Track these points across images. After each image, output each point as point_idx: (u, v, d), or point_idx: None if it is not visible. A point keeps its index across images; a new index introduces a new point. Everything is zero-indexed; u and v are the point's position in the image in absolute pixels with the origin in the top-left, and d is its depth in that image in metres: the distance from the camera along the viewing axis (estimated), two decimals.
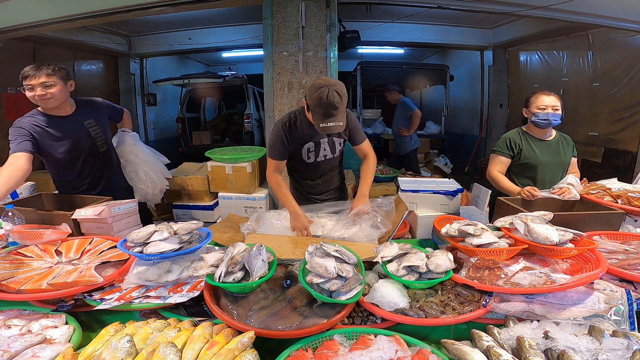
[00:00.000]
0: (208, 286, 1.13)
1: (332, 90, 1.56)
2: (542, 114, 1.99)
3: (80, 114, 1.94)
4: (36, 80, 1.73)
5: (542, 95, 2.02)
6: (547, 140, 2.09)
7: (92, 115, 1.98)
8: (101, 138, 1.99)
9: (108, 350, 0.84)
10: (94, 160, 1.98)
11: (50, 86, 1.75)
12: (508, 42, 5.97)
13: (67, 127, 1.87)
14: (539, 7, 3.77)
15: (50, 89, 1.75)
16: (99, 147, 1.98)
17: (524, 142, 2.08)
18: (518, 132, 2.13)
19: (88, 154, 1.95)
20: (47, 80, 1.74)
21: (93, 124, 1.96)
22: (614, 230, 1.50)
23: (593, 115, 4.70)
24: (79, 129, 1.91)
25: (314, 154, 1.91)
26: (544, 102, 1.99)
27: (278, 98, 3.26)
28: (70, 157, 1.90)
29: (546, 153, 2.05)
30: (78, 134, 1.90)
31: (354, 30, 4.36)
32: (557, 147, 2.09)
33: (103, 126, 2.02)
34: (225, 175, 2.94)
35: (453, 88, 6.60)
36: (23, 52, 4.83)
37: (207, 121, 7.57)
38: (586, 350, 0.87)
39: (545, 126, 2.02)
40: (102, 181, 2.03)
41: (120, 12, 3.54)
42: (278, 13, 3.12)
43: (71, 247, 1.40)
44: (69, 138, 1.87)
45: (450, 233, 1.35)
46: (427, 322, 1.03)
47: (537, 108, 2.00)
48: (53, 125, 1.83)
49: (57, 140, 1.84)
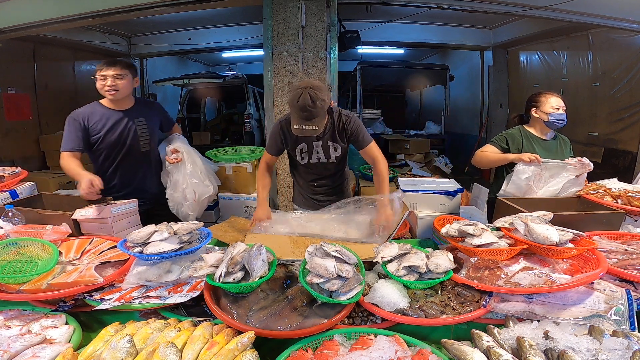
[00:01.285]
0: (208, 286, 1.13)
1: (306, 92, 1.54)
2: (557, 114, 2.02)
3: (135, 111, 2.01)
4: (110, 71, 1.84)
5: (553, 96, 2.06)
6: (548, 140, 2.12)
7: (145, 114, 2.05)
8: (146, 138, 2.04)
9: (108, 350, 0.84)
10: (132, 158, 2.02)
11: (121, 78, 1.87)
12: (508, 42, 5.97)
13: (118, 121, 1.95)
14: (539, 7, 3.77)
15: (121, 81, 1.87)
16: (142, 146, 2.03)
17: (525, 140, 2.09)
18: (519, 130, 2.14)
19: (129, 151, 1.99)
20: (120, 73, 1.86)
21: (142, 122, 2.03)
22: (614, 230, 1.50)
23: (593, 115, 4.70)
24: (128, 124, 1.97)
25: (306, 154, 1.89)
26: (553, 103, 2.03)
27: (278, 98, 3.26)
28: (112, 150, 1.96)
29: (546, 152, 2.06)
30: (125, 129, 1.96)
31: (354, 30, 4.36)
32: (557, 147, 2.12)
33: (152, 128, 2.08)
34: (225, 175, 2.94)
35: (453, 88, 6.59)
36: (23, 52, 4.83)
37: (207, 121, 7.56)
38: (586, 350, 0.87)
39: (560, 125, 2.06)
40: (135, 180, 2.06)
41: (120, 12, 3.54)
42: (278, 13, 3.12)
43: (71, 247, 1.40)
44: (116, 131, 1.94)
45: (450, 233, 1.35)
46: (427, 322, 1.03)
47: (552, 108, 2.03)
48: (106, 117, 1.93)
49: (105, 132, 1.92)
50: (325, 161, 1.90)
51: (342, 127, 1.83)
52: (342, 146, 1.89)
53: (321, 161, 1.90)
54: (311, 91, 1.54)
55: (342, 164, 2.00)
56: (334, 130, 1.83)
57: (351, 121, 1.83)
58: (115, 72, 1.85)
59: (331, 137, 1.85)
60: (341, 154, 1.91)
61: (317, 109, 1.56)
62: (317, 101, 1.54)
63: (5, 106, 4.63)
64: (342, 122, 1.83)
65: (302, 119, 1.57)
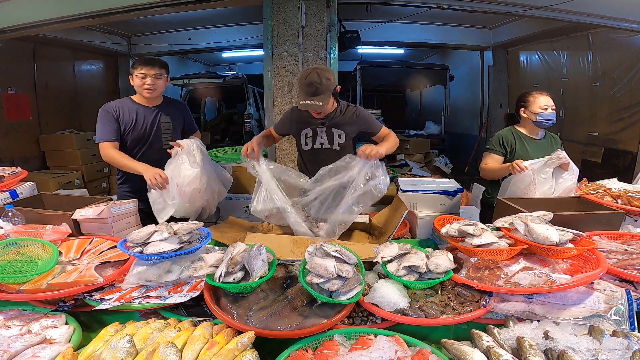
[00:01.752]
0: (208, 286, 1.13)
1: (314, 72, 1.70)
2: (546, 114, 2.02)
3: (162, 108, 2.08)
4: (151, 70, 1.92)
5: (542, 95, 2.05)
6: (539, 139, 2.12)
7: (170, 112, 2.11)
8: (168, 135, 2.08)
9: (108, 350, 0.84)
10: (153, 153, 2.04)
11: (161, 77, 1.96)
12: (508, 42, 5.96)
13: (145, 116, 2.02)
14: (539, 7, 3.77)
15: (159, 80, 1.96)
16: (163, 143, 2.06)
17: (517, 140, 2.10)
18: (511, 131, 2.15)
19: (150, 146, 2.04)
20: (159, 72, 1.94)
21: (167, 120, 2.08)
22: (614, 230, 1.49)
23: (593, 115, 4.70)
24: (153, 120, 2.04)
25: (310, 140, 1.95)
26: (545, 102, 2.03)
27: (278, 98, 3.26)
28: (135, 144, 2.02)
29: (538, 152, 2.06)
30: (151, 125, 2.03)
31: (354, 30, 4.36)
32: (548, 146, 2.12)
33: (176, 126, 2.13)
34: None
35: (453, 88, 6.59)
36: (23, 52, 4.83)
37: (207, 121, 7.56)
38: (586, 350, 0.87)
39: (548, 125, 2.06)
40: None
41: (120, 12, 3.54)
42: (278, 13, 3.12)
43: (71, 247, 1.40)
44: (141, 126, 2.01)
45: (450, 233, 1.35)
46: (427, 322, 1.03)
47: (540, 108, 2.03)
48: (135, 111, 2.00)
49: (132, 126, 1.99)
50: (329, 147, 1.94)
51: (350, 115, 1.92)
52: (347, 134, 1.93)
53: (324, 147, 1.95)
54: (319, 70, 1.71)
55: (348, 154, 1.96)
56: (341, 117, 1.92)
57: (359, 110, 1.94)
58: (155, 72, 1.93)
59: (336, 124, 1.91)
60: (345, 142, 1.94)
61: (323, 86, 1.70)
62: (323, 79, 1.69)
63: (5, 106, 4.62)
64: (349, 110, 1.93)
65: (308, 95, 1.70)
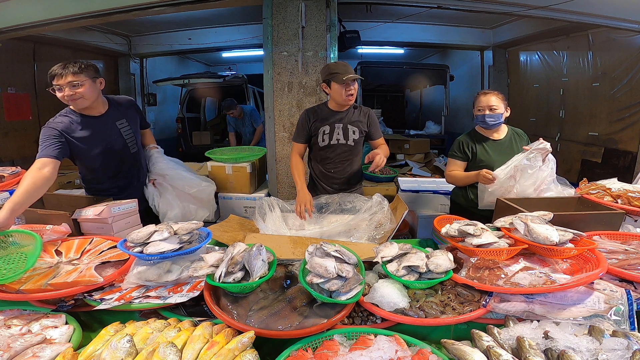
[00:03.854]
0: (208, 286, 1.13)
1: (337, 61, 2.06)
2: (480, 116, 2.00)
3: (113, 113, 1.88)
4: (63, 80, 1.66)
5: (481, 95, 2.02)
6: (499, 139, 2.07)
7: (124, 114, 1.93)
8: (132, 139, 1.95)
9: (108, 350, 0.84)
10: (125, 161, 1.94)
11: (78, 85, 1.68)
12: (508, 42, 5.96)
13: (99, 127, 1.81)
14: (539, 7, 3.76)
15: (79, 89, 1.68)
16: (130, 148, 1.94)
17: (477, 143, 2.06)
18: (470, 134, 2.12)
19: (120, 155, 1.90)
20: (74, 80, 1.67)
21: (125, 124, 1.91)
22: (614, 230, 1.49)
23: (593, 115, 4.70)
24: (111, 129, 1.85)
25: (328, 136, 2.10)
26: (481, 103, 2.00)
27: (278, 98, 3.25)
28: (103, 158, 1.84)
29: (499, 152, 2.02)
30: (110, 134, 1.85)
31: (354, 30, 4.36)
32: (510, 144, 2.06)
33: (135, 127, 1.99)
34: (225, 175, 2.94)
35: (453, 88, 6.59)
36: (23, 52, 4.83)
37: (207, 121, 7.56)
38: (586, 350, 0.87)
39: (485, 127, 2.03)
40: (132, 182, 2.00)
41: (120, 12, 3.53)
42: (278, 13, 3.12)
43: (71, 247, 1.40)
44: (102, 139, 1.82)
45: (450, 233, 1.35)
46: (427, 322, 1.03)
47: (476, 110, 2.02)
48: (86, 125, 1.78)
49: (90, 141, 1.79)
50: (344, 143, 2.11)
51: (363, 114, 2.13)
52: (360, 130, 2.11)
53: (340, 142, 2.11)
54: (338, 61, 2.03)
55: (358, 153, 2.19)
56: (355, 114, 2.11)
57: (370, 112, 2.16)
58: (68, 80, 1.66)
59: (352, 121, 2.09)
60: (358, 138, 2.12)
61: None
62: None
63: (5, 106, 4.63)
64: (362, 110, 2.14)
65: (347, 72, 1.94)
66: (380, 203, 1.78)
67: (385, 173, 3.74)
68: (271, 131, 3.29)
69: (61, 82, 1.66)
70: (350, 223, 1.73)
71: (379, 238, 1.64)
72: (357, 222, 1.73)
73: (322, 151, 2.15)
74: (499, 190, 1.83)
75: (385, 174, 3.71)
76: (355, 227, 1.71)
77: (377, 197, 1.82)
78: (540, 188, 1.82)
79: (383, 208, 1.77)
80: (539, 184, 1.82)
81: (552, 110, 5.26)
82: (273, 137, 3.29)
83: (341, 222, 1.73)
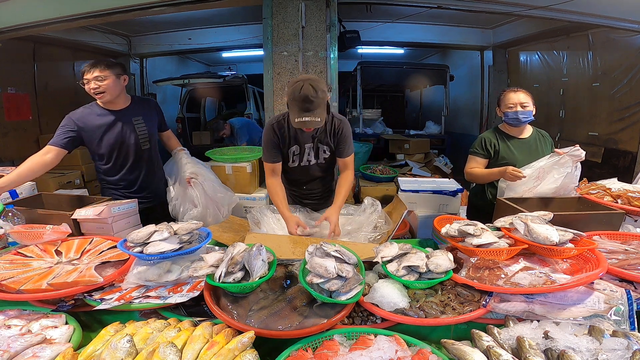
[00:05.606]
0: (208, 286, 1.13)
1: (307, 84, 1.51)
2: (511, 113, 1.98)
3: (132, 109, 2.01)
4: (90, 74, 1.83)
5: (510, 92, 2.00)
6: (524, 138, 2.06)
7: (142, 113, 2.05)
8: (145, 135, 2.04)
9: (108, 350, 0.84)
10: (136, 156, 2.02)
11: (103, 80, 1.85)
12: (508, 42, 5.96)
13: (115, 120, 1.95)
14: (539, 7, 3.77)
15: (103, 82, 1.85)
16: (142, 145, 2.03)
17: (500, 141, 2.05)
18: (494, 132, 2.10)
19: (131, 149, 2.00)
20: (100, 74, 1.84)
21: (140, 121, 2.03)
22: (614, 230, 1.49)
23: (593, 115, 4.70)
24: (126, 123, 1.97)
25: (298, 157, 1.86)
26: (512, 100, 1.97)
27: (278, 98, 3.25)
28: (114, 149, 1.97)
29: (523, 151, 2.01)
30: (124, 128, 1.96)
31: (354, 30, 4.36)
32: (535, 144, 2.05)
33: (150, 125, 2.08)
34: (225, 175, 2.95)
35: (453, 88, 6.58)
36: (23, 52, 4.83)
37: (207, 121, 7.56)
38: (586, 350, 0.87)
39: (515, 124, 2.01)
40: (139, 180, 2.06)
41: (120, 12, 3.54)
42: (278, 13, 3.12)
43: (71, 247, 1.40)
44: (116, 130, 1.94)
45: (450, 233, 1.35)
46: (427, 322, 1.03)
47: (506, 107, 1.99)
48: (104, 117, 1.93)
49: (104, 131, 1.93)
50: (315, 162, 1.89)
51: (335, 129, 1.81)
52: (331, 149, 1.86)
53: (311, 163, 1.89)
54: (312, 82, 1.52)
55: (331, 168, 1.98)
56: (326, 132, 1.81)
57: (344, 127, 1.80)
58: (94, 75, 1.84)
59: (322, 140, 1.82)
60: (329, 156, 1.88)
61: (319, 99, 1.53)
62: (318, 91, 1.52)
63: (5, 106, 4.63)
64: (334, 125, 1.80)
65: (304, 111, 1.52)
66: (372, 204, 1.76)
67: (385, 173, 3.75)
68: None
69: (89, 76, 1.84)
70: (348, 229, 1.73)
71: (378, 239, 1.64)
72: (355, 226, 1.73)
73: (292, 170, 1.93)
74: (521, 189, 1.81)
75: (386, 174, 3.72)
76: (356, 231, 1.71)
77: (368, 200, 1.80)
78: (560, 193, 1.80)
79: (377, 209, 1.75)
80: (561, 189, 1.79)
81: (552, 110, 5.27)
82: None
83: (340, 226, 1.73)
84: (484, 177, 2.03)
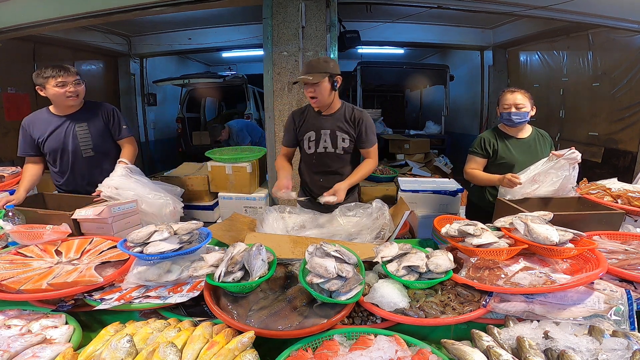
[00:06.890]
0: (208, 286, 1.13)
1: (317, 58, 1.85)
2: (505, 114, 1.99)
3: (78, 116, 2.02)
4: (71, 77, 1.88)
5: (507, 93, 2.00)
6: (523, 138, 2.06)
7: (88, 119, 2.03)
8: (88, 143, 2.02)
9: (108, 350, 0.84)
10: (76, 163, 2.03)
11: (79, 84, 1.92)
12: (508, 42, 5.96)
13: (58, 126, 1.98)
14: (539, 7, 3.77)
15: (79, 87, 1.92)
16: (83, 152, 2.01)
17: (499, 141, 2.05)
18: (493, 132, 2.10)
19: (70, 157, 2.01)
20: (77, 79, 1.91)
21: (84, 127, 2.01)
22: (614, 230, 1.49)
23: (593, 115, 4.70)
24: (68, 130, 1.99)
25: (314, 143, 1.94)
26: (508, 100, 1.98)
27: (278, 98, 3.25)
28: (54, 154, 2.01)
29: (522, 151, 2.02)
30: (66, 134, 1.99)
31: (354, 30, 4.36)
32: (534, 144, 2.05)
33: (95, 132, 2.04)
34: (225, 175, 2.95)
35: (453, 88, 6.59)
36: (23, 52, 4.83)
37: (207, 121, 7.56)
38: (586, 350, 0.87)
39: (510, 125, 2.01)
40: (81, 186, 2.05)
41: (120, 12, 3.54)
42: (278, 13, 3.12)
43: (71, 247, 1.40)
44: (55, 137, 1.98)
45: (450, 233, 1.35)
46: (427, 322, 1.03)
47: (502, 107, 2.00)
48: (48, 122, 1.97)
49: (47, 137, 1.97)
50: (332, 151, 1.93)
51: (355, 119, 1.90)
52: (350, 138, 1.91)
53: (328, 151, 1.93)
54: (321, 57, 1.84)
55: (350, 163, 1.99)
56: (344, 119, 1.90)
57: (364, 117, 1.90)
58: (75, 79, 1.89)
59: (340, 127, 1.89)
60: (348, 146, 1.93)
61: (319, 65, 1.77)
62: (320, 60, 1.79)
63: (5, 106, 4.62)
64: (354, 113, 1.90)
65: (304, 73, 1.77)
66: (380, 209, 1.73)
67: (385, 173, 3.75)
68: (271, 131, 3.29)
69: (69, 79, 1.87)
70: (352, 230, 1.72)
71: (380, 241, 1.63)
72: (359, 229, 1.71)
73: (309, 158, 2.00)
74: (519, 194, 1.81)
75: (386, 174, 3.72)
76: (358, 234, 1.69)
77: (377, 203, 1.76)
78: (559, 194, 1.81)
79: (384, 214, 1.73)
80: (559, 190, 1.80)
81: (552, 110, 5.26)
82: (273, 137, 3.29)
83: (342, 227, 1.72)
84: (483, 181, 2.04)
